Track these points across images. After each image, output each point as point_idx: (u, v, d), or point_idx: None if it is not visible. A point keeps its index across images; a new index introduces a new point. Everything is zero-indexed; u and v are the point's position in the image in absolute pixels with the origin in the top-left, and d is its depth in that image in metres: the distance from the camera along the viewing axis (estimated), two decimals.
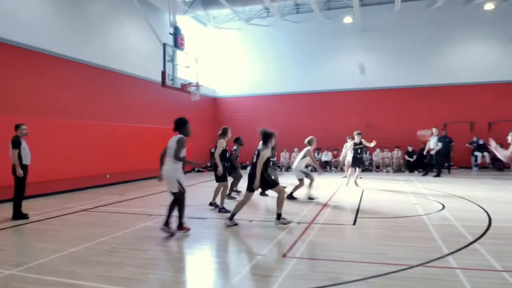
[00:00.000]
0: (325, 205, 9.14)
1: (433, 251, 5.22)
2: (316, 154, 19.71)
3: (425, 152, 16.11)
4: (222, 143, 8.51)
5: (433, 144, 15.43)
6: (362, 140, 12.75)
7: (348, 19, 19.86)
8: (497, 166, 16.96)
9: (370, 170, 18.65)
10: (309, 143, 10.07)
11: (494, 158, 16.48)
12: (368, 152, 18.26)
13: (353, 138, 13.38)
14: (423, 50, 19.48)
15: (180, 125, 6.34)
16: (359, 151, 12.66)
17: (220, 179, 8.46)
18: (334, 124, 20.19)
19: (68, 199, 10.75)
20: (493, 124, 18.05)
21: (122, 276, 4.51)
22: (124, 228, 6.97)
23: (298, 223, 7.08)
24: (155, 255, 5.38)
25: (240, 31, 22.04)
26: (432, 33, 19.32)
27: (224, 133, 8.76)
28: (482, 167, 17.71)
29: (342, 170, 17.57)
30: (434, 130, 15.71)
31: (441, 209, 8.28)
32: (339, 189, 12.11)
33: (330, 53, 20.89)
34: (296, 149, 19.14)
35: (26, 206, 8.45)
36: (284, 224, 6.90)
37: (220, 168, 8.35)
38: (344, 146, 15.33)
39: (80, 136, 12.55)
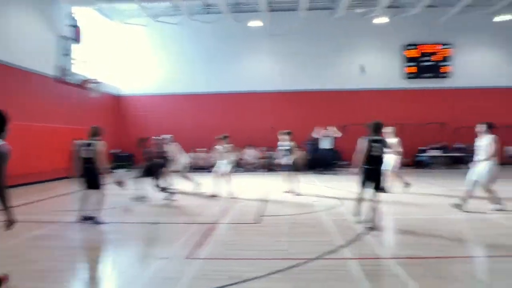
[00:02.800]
0: (230, 205, 9.21)
1: (329, 244, 5.56)
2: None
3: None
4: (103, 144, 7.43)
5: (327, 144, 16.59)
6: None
7: (257, 23, 20.33)
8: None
9: (274, 170, 19.23)
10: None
11: None
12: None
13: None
14: (327, 56, 20.79)
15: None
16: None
17: (99, 185, 7.34)
18: (242, 125, 20.52)
19: None
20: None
21: None
22: (11, 237, 6.24)
23: (204, 224, 7.03)
24: (47, 266, 4.90)
25: (147, 28, 21.23)
26: (335, 41, 20.77)
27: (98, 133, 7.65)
28: None
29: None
30: (328, 131, 16.89)
31: (337, 205, 8.86)
32: (244, 188, 12.29)
33: (239, 55, 21.20)
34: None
35: None
36: None
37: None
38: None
39: None
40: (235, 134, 18.56)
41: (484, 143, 7.71)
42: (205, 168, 17.22)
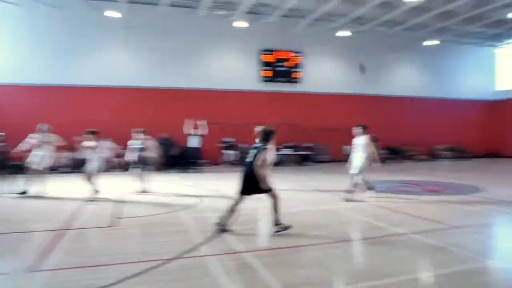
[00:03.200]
0: (79, 207, 8.49)
1: (188, 243, 5.59)
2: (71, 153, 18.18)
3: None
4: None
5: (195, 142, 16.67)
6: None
7: (113, 13, 19.05)
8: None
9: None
10: None
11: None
12: None
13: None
14: (184, 54, 20.75)
15: None
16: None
17: None
18: (95, 121, 18.99)
19: None
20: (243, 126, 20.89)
21: None
22: None
23: (49, 231, 6.33)
24: None
25: None
26: (196, 40, 20.87)
27: None
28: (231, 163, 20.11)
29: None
30: (195, 129, 16.93)
31: (196, 203, 8.95)
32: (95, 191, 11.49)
33: (92, 46, 19.57)
34: None
35: None
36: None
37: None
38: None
39: None
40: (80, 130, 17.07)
41: (361, 142, 9.32)
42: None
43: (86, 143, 9.94)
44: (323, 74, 23.24)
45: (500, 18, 21.33)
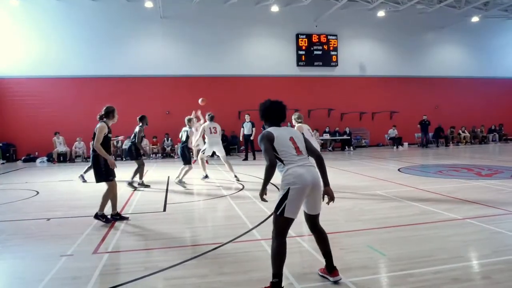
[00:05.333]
0: (131, 194, 8.84)
1: (240, 227, 5.70)
2: (115, 142, 18.82)
3: (241, 138, 17.36)
4: (103, 129, 6.19)
5: (247, 130, 16.75)
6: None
7: (149, 4, 19.41)
8: None
9: (173, 157, 18.96)
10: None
11: None
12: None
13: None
14: (220, 41, 20.83)
15: None
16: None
17: (98, 178, 6.23)
18: (135, 111, 19.55)
19: None
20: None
21: None
22: None
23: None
24: None
25: (20, 2, 18.79)
26: (227, 27, 20.87)
27: (107, 114, 6.46)
28: None
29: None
30: (247, 115, 16.98)
31: (242, 189, 9.10)
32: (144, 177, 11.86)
33: (131, 37, 20.05)
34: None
35: None
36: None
37: (112, 161, 6.22)
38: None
39: None
40: (126, 121, 17.79)
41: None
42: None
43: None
44: (360, 56, 22.73)
45: None
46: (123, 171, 10.89)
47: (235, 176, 10.45)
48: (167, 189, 9.44)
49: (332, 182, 4.11)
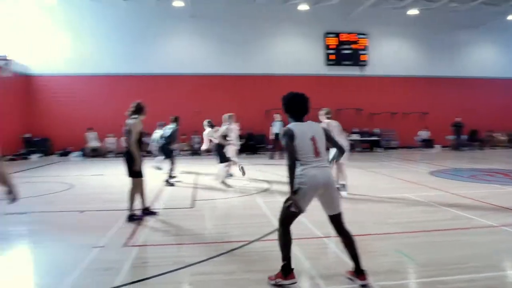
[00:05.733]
0: (161, 190, 9.01)
1: (267, 225, 5.71)
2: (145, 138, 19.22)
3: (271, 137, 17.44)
4: (137, 125, 6.28)
5: (276, 129, 16.79)
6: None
7: (178, 3, 19.67)
8: None
9: (200, 155, 19.14)
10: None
11: None
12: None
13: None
14: (248, 40, 20.88)
15: None
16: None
17: (137, 174, 6.25)
18: (164, 108, 19.94)
19: None
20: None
21: None
22: None
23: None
24: None
25: (58, 2, 19.44)
26: (255, 26, 20.91)
27: (139, 111, 6.56)
28: None
29: None
30: (277, 115, 17.03)
31: (269, 187, 9.11)
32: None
33: (161, 35, 20.39)
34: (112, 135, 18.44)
35: None
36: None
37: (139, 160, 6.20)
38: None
39: None
40: (155, 119, 18.11)
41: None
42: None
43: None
44: (391, 55, 22.24)
45: None
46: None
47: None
48: (195, 186, 9.56)
49: (360, 183, 4.07)
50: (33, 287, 3.90)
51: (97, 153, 18.80)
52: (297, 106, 3.85)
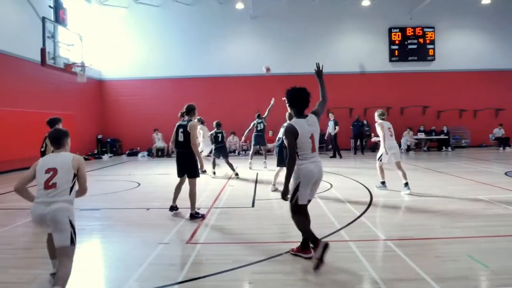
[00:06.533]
0: (222, 189, 9.21)
1: (327, 226, 5.62)
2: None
3: (325, 137, 17.31)
4: (196, 126, 6.65)
5: (330, 129, 16.62)
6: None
7: (239, 5, 20.05)
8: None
9: (261, 154, 19.28)
10: None
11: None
12: None
13: None
14: (309, 39, 20.70)
15: None
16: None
17: (196, 173, 6.54)
18: (226, 109, 20.45)
19: None
20: (368, 109, 20.21)
21: (5, 280, 3.97)
22: (1, 226, 6.12)
23: (198, 209, 6.99)
24: (44, 253, 4.79)
25: (128, 10, 20.71)
26: (317, 24, 20.65)
27: (191, 112, 6.84)
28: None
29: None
30: (331, 114, 16.88)
31: (330, 188, 8.96)
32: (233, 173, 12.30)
33: (222, 38, 20.90)
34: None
35: None
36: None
37: (201, 159, 6.62)
38: None
39: None
40: (219, 119, 18.53)
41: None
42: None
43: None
44: (460, 48, 20.91)
45: None
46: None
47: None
48: (255, 185, 9.66)
49: (426, 184, 3.86)
50: (103, 280, 4.15)
51: (162, 153, 19.68)
52: (300, 100, 4.30)
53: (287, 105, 4.48)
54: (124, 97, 20.92)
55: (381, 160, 8.51)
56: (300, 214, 4.30)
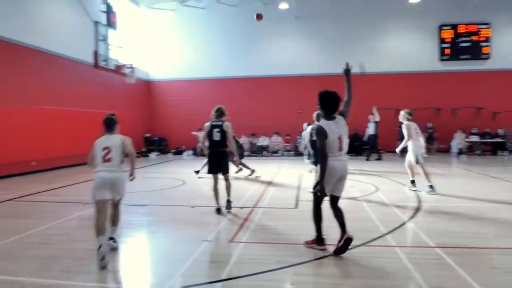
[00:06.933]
0: (265, 190, 9.23)
1: (372, 231, 5.47)
2: (251, 139, 19.91)
3: (365, 138, 16.99)
4: (230, 126, 7.05)
5: (372, 130, 16.24)
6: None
7: (284, 5, 20.02)
8: None
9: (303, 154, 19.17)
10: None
11: None
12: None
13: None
14: (354, 38, 20.28)
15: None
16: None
17: (227, 170, 7.02)
18: (270, 110, 20.52)
19: None
20: (415, 111, 19.51)
21: (61, 269, 4.19)
22: (58, 218, 6.48)
23: (241, 208, 7.06)
24: (95, 246, 5.02)
25: (175, 13, 21.29)
26: (362, 23, 20.20)
27: (222, 114, 7.21)
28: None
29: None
30: (371, 116, 16.51)
31: (375, 191, 8.73)
32: (277, 174, 12.30)
33: (266, 38, 20.96)
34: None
35: None
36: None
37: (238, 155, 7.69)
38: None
39: (0, 120, 11.41)
40: (261, 119, 18.64)
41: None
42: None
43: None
44: None
45: None
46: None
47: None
48: (299, 187, 9.60)
49: (480, 190, 3.65)
50: (149, 274, 4.28)
51: None
52: (331, 103, 4.62)
53: (318, 106, 4.74)
54: (171, 97, 21.53)
55: (418, 162, 8.39)
56: (319, 204, 4.73)
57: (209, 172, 6.91)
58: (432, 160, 15.98)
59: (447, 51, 19.93)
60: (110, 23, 13.43)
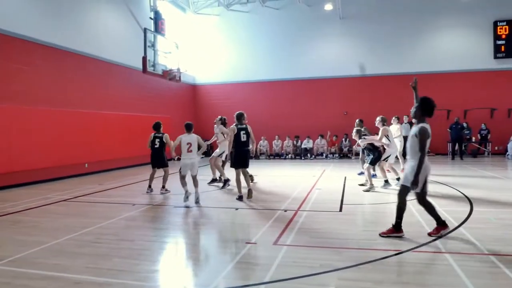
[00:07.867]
0: (309, 192, 9.17)
1: (420, 236, 5.29)
2: (295, 141, 19.84)
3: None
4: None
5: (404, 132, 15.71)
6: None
7: (328, 6, 19.84)
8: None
9: (350, 158, 18.86)
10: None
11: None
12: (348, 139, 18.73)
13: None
14: (402, 37, 19.68)
15: None
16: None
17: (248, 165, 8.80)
18: (314, 112, 20.37)
19: (45, 189, 10.41)
20: (468, 111, 18.61)
21: (110, 267, 4.39)
22: (108, 218, 6.80)
23: (285, 211, 7.06)
24: (143, 246, 5.23)
25: (220, 17, 21.72)
26: (410, 21, 19.55)
27: (240, 118, 8.69)
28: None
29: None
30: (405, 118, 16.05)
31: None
32: (321, 177, 12.18)
33: (310, 40, 20.83)
34: (277, 136, 19.67)
35: (1, 197, 8.13)
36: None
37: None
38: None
39: (56, 124, 12.14)
40: (307, 121, 18.54)
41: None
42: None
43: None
44: None
45: None
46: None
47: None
48: (343, 190, 9.45)
49: None
50: (193, 274, 4.38)
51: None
52: (431, 109, 5.22)
53: (414, 110, 5.40)
54: (216, 101, 21.92)
55: (385, 160, 9.66)
56: (404, 197, 5.29)
57: (236, 167, 8.37)
58: (486, 163, 15.16)
59: (503, 48, 18.84)
60: (158, 29, 13.93)
